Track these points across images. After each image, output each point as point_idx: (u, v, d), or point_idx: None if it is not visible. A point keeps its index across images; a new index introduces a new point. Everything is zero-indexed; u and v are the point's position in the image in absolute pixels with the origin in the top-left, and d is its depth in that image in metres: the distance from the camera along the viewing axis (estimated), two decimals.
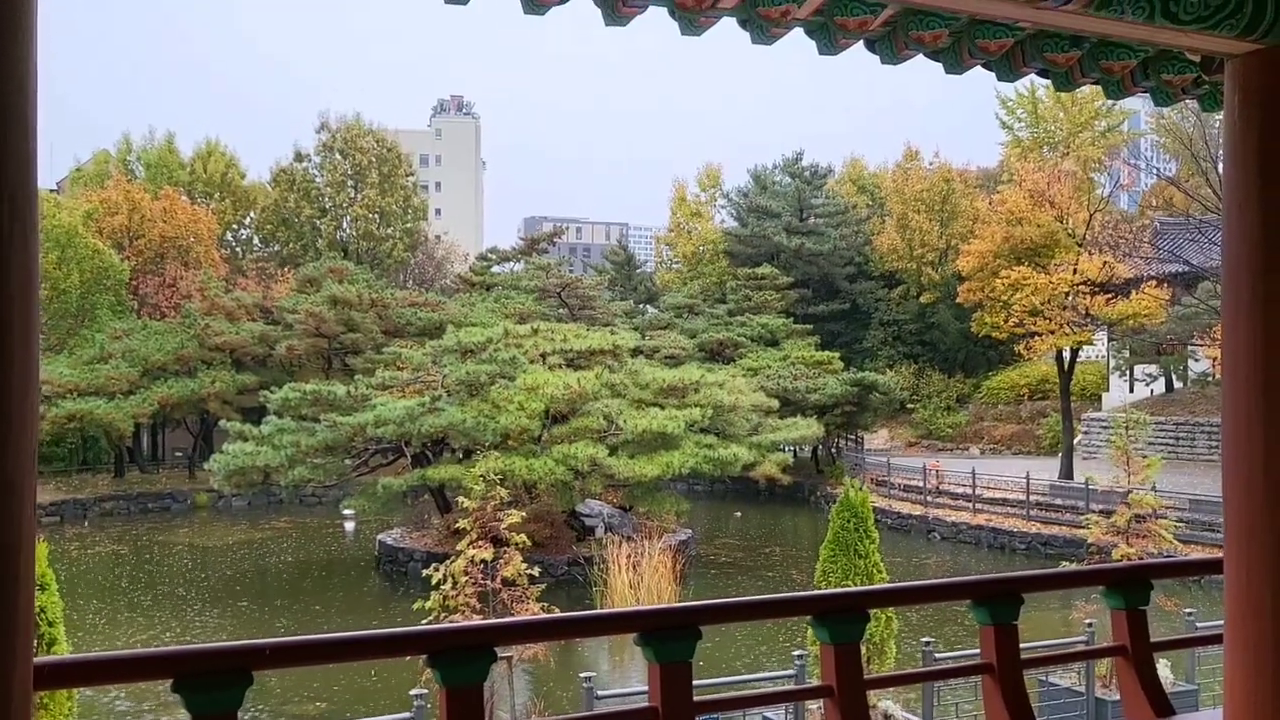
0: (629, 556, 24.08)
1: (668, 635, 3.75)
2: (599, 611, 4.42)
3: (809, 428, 35.70)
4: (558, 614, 6.96)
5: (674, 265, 71.01)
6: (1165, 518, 18.29)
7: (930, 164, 64.26)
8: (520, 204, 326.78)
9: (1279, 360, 3.72)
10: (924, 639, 12.87)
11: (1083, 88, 4.76)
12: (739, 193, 67.55)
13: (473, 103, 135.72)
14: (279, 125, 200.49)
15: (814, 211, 62.86)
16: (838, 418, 44.82)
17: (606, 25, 4.02)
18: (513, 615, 12.54)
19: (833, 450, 48.48)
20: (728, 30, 4.05)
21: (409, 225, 66.19)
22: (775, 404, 35.76)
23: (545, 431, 28.58)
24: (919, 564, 31.10)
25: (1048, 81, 4.56)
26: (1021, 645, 4.63)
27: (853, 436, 49.25)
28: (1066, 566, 16.31)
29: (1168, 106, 5.74)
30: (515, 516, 13.42)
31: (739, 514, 41.65)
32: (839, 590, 4.41)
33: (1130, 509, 16.76)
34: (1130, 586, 4.78)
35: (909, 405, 53.15)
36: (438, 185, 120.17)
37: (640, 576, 23.60)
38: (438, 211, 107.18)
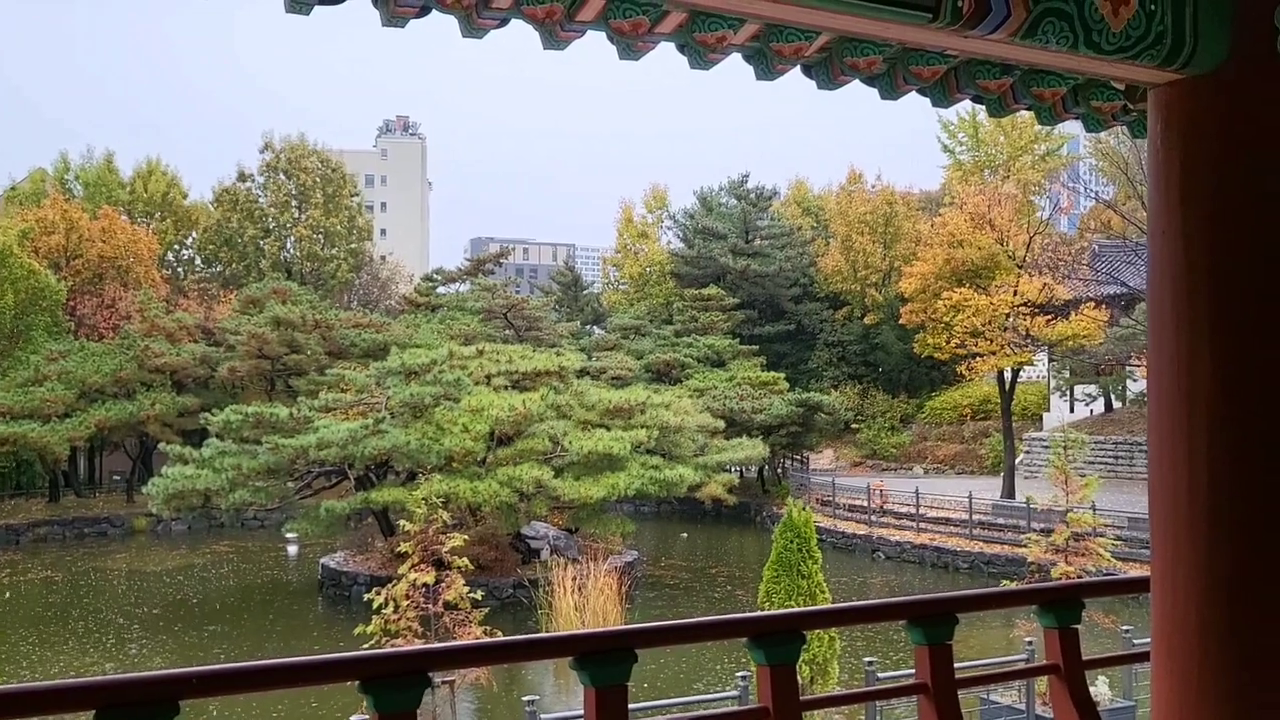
0: (574, 578, 24.00)
1: (603, 659, 3.73)
2: (533, 636, 4.39)
3: (754, 448, 35.87)
4: (493, 638, 6.93)
5: (621, 286, 71.14)
6: (1104, 536, 18.59)
7: (873, 187, 65.01)
8: (467, 225, 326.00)
9: (1202, 383, 3.80)
10: (867, 658, 12.94)
11: (1022, 113, 4.84)
12: (685, 214, 67.87)
13: (419, 123, 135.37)
14: (227, 144, 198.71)
15: (759, 233, 63.29)
16: (783, 438, 45.06)
17: (545, 49, 4.04)
18: (455, 639, 12.43)
19: (778, 470, 48.69)
20: (676, 55, 4.08)
21: (354, 246, 65.73)
22: (721, 425, 35.90)
23: (490, 453, 28.45)
24: (863, 583, 31.27)
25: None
26: (962, 664, 4.67)
27: (798, 456, 49.50)
28: (1007, 585, 16.48)
29: (1098, 132, 5.84)
30: (457, 539, 13.34)
31: (685, 535, 41.69)
32: (775, 612, 4.42)
33: (1069, 528, 16.99)
34: (1062, 605, 4.85)
35: (854, 425, 53.54)
36: (383, 206, 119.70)
37: (586, 599, 23.52)
38: (383, 232, 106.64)
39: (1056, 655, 4.85)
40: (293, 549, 37.58)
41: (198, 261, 65.92)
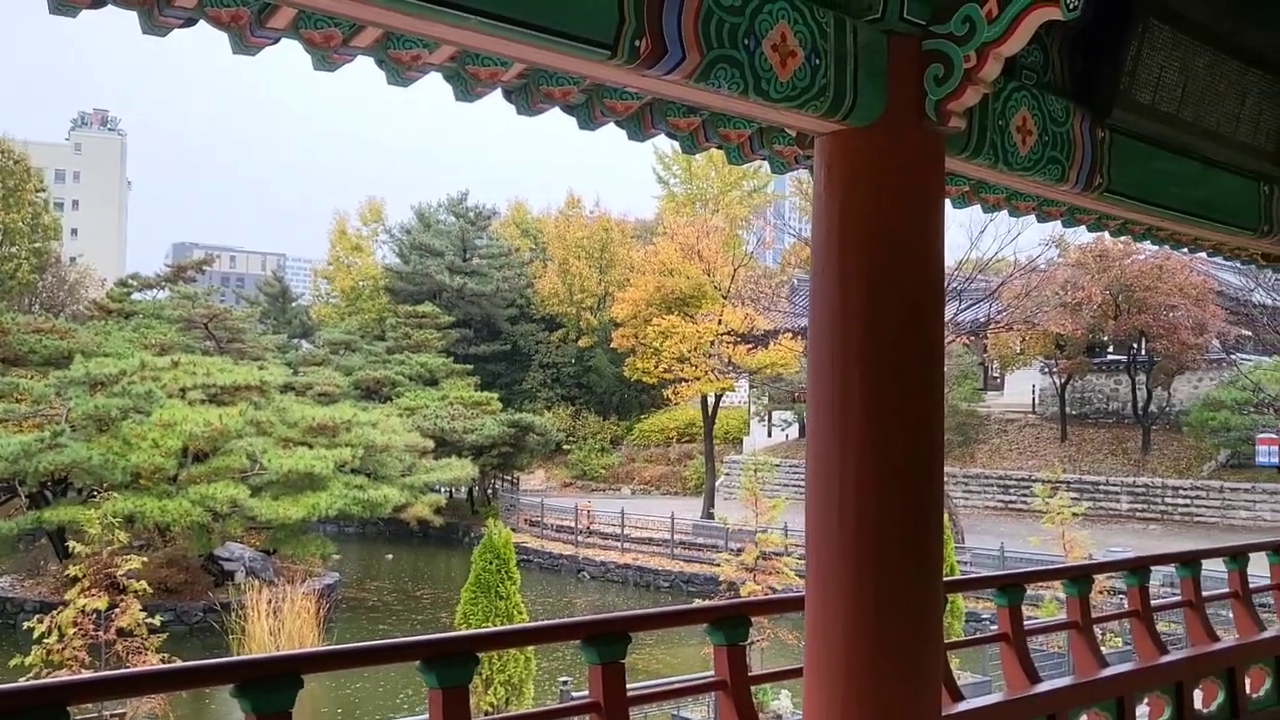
0: (270, 602, 23.21)
1: (265, 685, 3.60)
2: (192, 663, 4.19)
3: (463, 469, 35.68)
4: (146, 667, 6.55)
5: (332, 300, 69.22)
6: (790, 555, 19.55)
7: (591, 212, 66.21)
8: (170, 229, 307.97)
9: (853, 411, 4.07)
10: (562, 678, 13.09)
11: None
12: (402, 230, 66.93)
13: (119, 118, 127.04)
14: None
15: (478, 252, 63.16)
16: (494, 458, 44.98)
17: (234, 54, 3.91)
18: (128, 668, 11.67)
19: (489, 491, 48.55)
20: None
21: (37, 245, 60.78)
22: (431, 444, 35.50)
23: (182, 471, 27.02)
24: (568, 604, 31.60)
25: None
26: (645, 682, 4.79)
27: (509, 477, 49.53)
28: (698, 603, 17.08)
29: (783, 174, 6.22)
30: (135, 561, 12.54)
31: (390, 556, 40.87)
32: (447, 635, 4.40)
33: (758, 547, 17.81)
34: (729, 623, 5.06)
35: (565, 446, 54.12)
36: (75, 204, 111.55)
37: (282, 623, 22.75)
38: (74, 232, 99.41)
39: (724, 671, 5.06)
40: None
41: None
